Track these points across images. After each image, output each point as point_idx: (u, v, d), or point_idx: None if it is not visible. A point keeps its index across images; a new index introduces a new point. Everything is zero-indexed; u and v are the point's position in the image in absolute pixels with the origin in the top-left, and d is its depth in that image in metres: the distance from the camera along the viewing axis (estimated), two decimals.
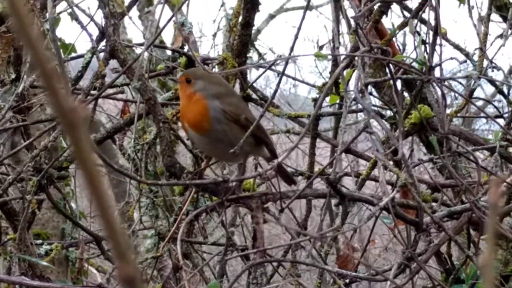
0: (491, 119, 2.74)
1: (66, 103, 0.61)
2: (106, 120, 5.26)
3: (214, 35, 5.57)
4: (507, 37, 2.86)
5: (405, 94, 2.76)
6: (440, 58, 2.21)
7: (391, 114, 2.68)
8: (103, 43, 2.36)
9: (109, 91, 2.79)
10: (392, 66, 2.22)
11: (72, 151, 0.61)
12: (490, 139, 2.62)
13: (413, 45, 2.28)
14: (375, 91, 2.87)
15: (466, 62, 2.85)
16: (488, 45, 2.79)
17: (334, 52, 2.38)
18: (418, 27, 2.56)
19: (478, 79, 2.61)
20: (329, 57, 2.54)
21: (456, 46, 2.99)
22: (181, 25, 2.73)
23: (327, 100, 2.57)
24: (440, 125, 2.20)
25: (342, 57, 2.26)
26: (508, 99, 2.78)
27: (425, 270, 2.11)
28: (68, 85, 2.27)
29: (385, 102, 2.72)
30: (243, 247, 2.57)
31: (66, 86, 0.65)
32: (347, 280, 2.16)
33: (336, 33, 2.33)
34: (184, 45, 2.80)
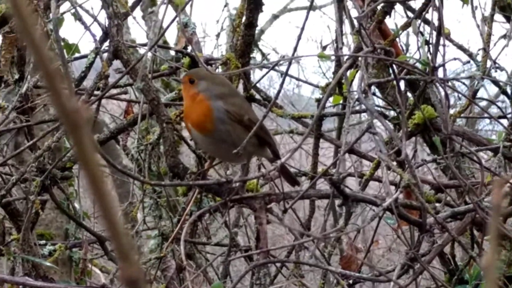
0: (495, 120, 2.74)
1: (69, 104, 0.61)
2: (110, 121, 5.26)
3: (218, 36, 5.57)
4: (511, 38, 2.85)
5: (409, 95, 2.76)
6: (444, 59, 2.21)
7: (395, 115, 2.68)
8: (107, 44, 2.36)
9: (113, 92, 2.79)
10: (396, 67, 2.22)
11: (75, 152, 0.61)
12: (494, 140, 2.62)
13: (417, 46, 2.28)
14: (379, 92, 2.86)
15: (470, 63, 2.84)
16: (492, 46, 2.79)
17: (338, 53, 2.37)
18: (422, 28, 2.56)
19: (482, 80, 2.61)
20: (333, 58, 2.54)
21: (460, 47, 2.98)
22: (185, 26, 2.72)
23: (331, 101, 2.57)
24: (444, 126, 2.19)
25: (346, 58, 2.26)
26: None
27: (429, 271, 2.10)
28: (72, 86, 2.27)
29: (389, 103, 2.72)
30: (247, 248, 2.56)
31: (70, 87, 0.65)
32: (351, 281, 2.16)
33: (340, 34, 2.33)
34: (188, 46, 2.80)
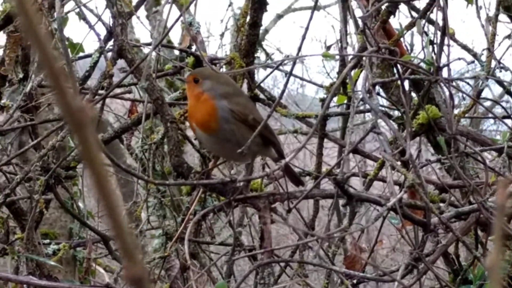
0: (499, 120, 2.74)
1: (74, 103, 0.61)
2: (114, 120, 5.26)
3: (222, 35, 5.57)
4: None
5: (413, 95, 2.76)
6: (448, 59, 2.21)
7: (399, 115, 2.68)
8: (111, 43, 2.36)
9: (117, 91, 2.80)
10: (400, 66, 2.21)
11: (80, 151, 0.61)
12: (498, 140, 2.61)
13: (421, 46, 2.28)
14: (383, 91, 2.86)
15: (474, 63, 2.84)
16: (496, 46, 2.79)
17: (342, 52, 2.37)
18: (426, 28, 2.55)
19: (486, 80, 2.61)
20: (337, 57, 2.54)
21: (464, 47, 2.98)
22: (189, 25, 2.72)
23: (335, 100, 2.56)
24: (448, 126, 2.19)
25: (350, 57, 2.26)
26: None
27: (433, 271, 2.10)
28: (76, 85, 2.28)
29: (393, 103, 2.71)
30: (251, 247, 2.56)
31: (74, 86, 0.65)
32: (355, 281, 2.15)
33: (344, 33, 2.33)
34: (192, 45, 2.80)
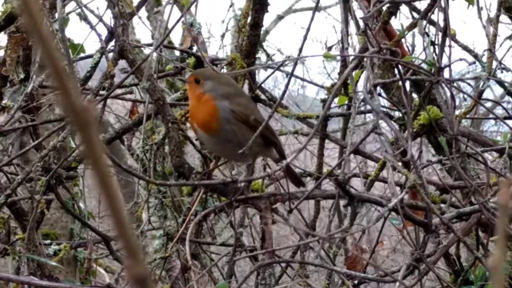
0: (501, 120, 2.74)
1: (79, 103, 0.61)
2: (115, 121, 5.27)
3: (223, 36, 5.58)
4: None
5: (414, 95, 2.76)
6: (449, 59, 2.21)
7: (400, 115, 2.68)
8: (112, 43, 2.36)
9: (118, 91, 2.79)
10: (401, 67, 2.21)
11: (84, 150, 0.61)
12: (499, 141, 2.61)
13: (422, 46, 2.28)
14: (384, 93, 2.86)
15: (475, 64, 2.84)
16: (497, 47, 2.79)
17: (343, 53, 2.37)
18: (427, 28, 2.55)
19: (488, 80, 2.61)
20: (338, 58, 2.54)
21: (465, 48, 2.98)
22: (190, 26, 2.72)
23: (335, 101, 2.56)
24: (449, 126, 2.19)
25: (351, 58, 2.25)
26: None
27: (434, 272, 2.10)
28: (77, 86, 2.27)
29: (394, 103, 2.71)
30: (252, 248, 2.56)
31: (75, 87, 0.65)
32: (356, 281, 2.15)
33: (345, 34, 2.33)
34: (193, 46, 2.80)
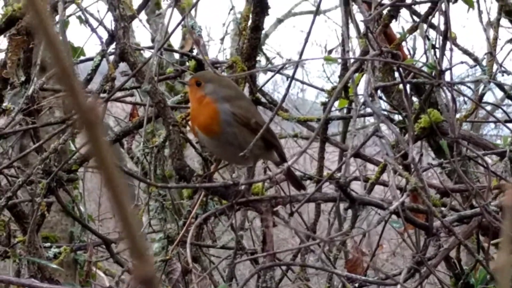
0: (501, 123, 2.74)
1: (85, 102, 0.61)
2: (114, 124, 5.27)
3: (222, 39, 5.58)
4: None
5: (415, 99, 2.76)
6: (450, 63, 2.21)
7: (400, 119, 2.68)
8: (113, 46, 2.36)
9: (117, 94, 2.79)
10: (402, 70, 2.21)
11: (90, 150, 0.61)
12: (499, 144, 2.61)
13: (423, 50, 2.28)
14: (384, 96, 2.86)
15: (476, 67, 2.84)
16: (498, 50, 2.79)
17: (344, 56, 2.37)
18: (427, 32, 2.55)
19: (488, 84, 2.61)
20: (339, 61, 2.54)
21: (465, 51, 2.98)
22: (191, 28, 2.73)
23: (336, 105, 2.56)
24: (450, 129, 2.19)
25: (352, 61, 2.25)
26: None
27: (435, 275, 2.10)
28: (82, 86, 2.27)
29: (394, 107, 2.71)
30: (252, 251, 2.56)
31: (80, 87, 0.65)
32: (357, 284, 2.15)
33: (346, 37, 2.33)
34: (193, 49, 2.80)
